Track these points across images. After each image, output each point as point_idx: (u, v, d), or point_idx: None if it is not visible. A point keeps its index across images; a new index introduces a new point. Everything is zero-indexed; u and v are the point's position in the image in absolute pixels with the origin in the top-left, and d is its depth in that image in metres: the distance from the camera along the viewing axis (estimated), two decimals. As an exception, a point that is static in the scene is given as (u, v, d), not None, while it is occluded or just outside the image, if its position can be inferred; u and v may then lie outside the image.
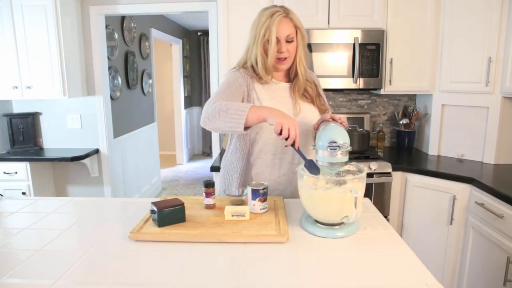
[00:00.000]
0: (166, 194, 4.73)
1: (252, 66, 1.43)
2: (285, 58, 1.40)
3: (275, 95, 1.44)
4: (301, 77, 1.45)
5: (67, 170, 3.27)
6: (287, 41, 1.38)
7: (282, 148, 1.45)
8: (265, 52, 1.38)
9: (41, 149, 3.15)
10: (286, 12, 1.37)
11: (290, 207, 1.35)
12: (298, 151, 1.19)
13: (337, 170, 1.19)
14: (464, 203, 2.14)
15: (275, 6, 1.41)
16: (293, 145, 1.18)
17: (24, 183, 2.85)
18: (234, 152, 1.49)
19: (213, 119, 1.25)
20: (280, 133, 1.16)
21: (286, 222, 1.19)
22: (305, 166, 1.17)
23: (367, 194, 2.28)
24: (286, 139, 1.17)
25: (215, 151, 3.13)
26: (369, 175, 2.35)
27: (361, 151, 2.63)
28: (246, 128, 1.22)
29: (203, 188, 1.29)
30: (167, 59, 6.31)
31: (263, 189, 1.25)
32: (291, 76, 1.49)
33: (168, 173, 5.71)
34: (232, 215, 1.20)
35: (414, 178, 2.35)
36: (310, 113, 1.47)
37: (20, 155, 2.90)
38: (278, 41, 1.36)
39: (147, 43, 4.46)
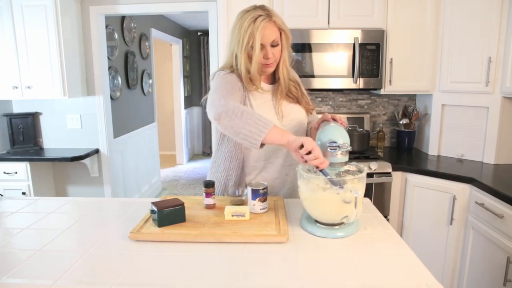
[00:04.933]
0: (166, 194, 4.73)
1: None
2: (271, 63, 1.35)
3: (262, 99, 1.41)
4: (282, 80, 1.41)
5: (67, 170, 3.27)
6: (272, 46, 1.32)
7: (274, 152, 1.43)
8: (250, 59, 1.32)
9: (41, 149, 3.15)
10: (269, 15, 1.29)
11: (290, 207, 1.35)
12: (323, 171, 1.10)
13: (337, 170, 1.19)
14: (464, 203, 2.14)
15: (256, 7, 1.32)
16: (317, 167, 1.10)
17: (24, 183, 2.85)
18: (229, 160, 1.44)
19: (233, 116, 1.14)
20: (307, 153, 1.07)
21: (286, 222, 1.19)
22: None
23: (367, 194, 2.28)
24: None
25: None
26: (369, 175, 2.35)
27: (361, 151, 2.63)
28: (261, 145, 1.14)
29: (203, 188, 1.29)
30: (167, 59, 6.31)
31: (263, 189, 1.25)
32: (276, 78, 1.44)
33: (168, 173, 5.71)
34: (232, 215, 1.20)
35: (414, 178, 2.35)
36: (297, 114, 1.45)
37: (20, 155, 2.89)
38: (263, 47, 1.30)
39: (147, 43, 4.46)
